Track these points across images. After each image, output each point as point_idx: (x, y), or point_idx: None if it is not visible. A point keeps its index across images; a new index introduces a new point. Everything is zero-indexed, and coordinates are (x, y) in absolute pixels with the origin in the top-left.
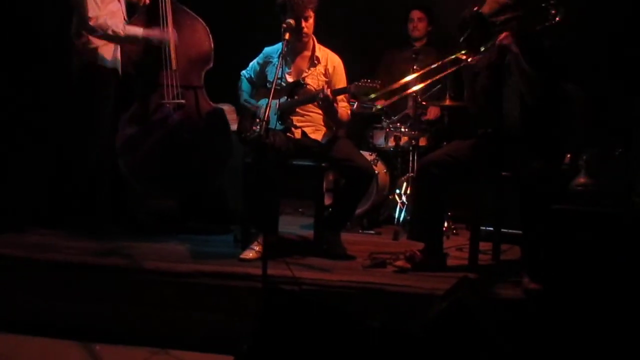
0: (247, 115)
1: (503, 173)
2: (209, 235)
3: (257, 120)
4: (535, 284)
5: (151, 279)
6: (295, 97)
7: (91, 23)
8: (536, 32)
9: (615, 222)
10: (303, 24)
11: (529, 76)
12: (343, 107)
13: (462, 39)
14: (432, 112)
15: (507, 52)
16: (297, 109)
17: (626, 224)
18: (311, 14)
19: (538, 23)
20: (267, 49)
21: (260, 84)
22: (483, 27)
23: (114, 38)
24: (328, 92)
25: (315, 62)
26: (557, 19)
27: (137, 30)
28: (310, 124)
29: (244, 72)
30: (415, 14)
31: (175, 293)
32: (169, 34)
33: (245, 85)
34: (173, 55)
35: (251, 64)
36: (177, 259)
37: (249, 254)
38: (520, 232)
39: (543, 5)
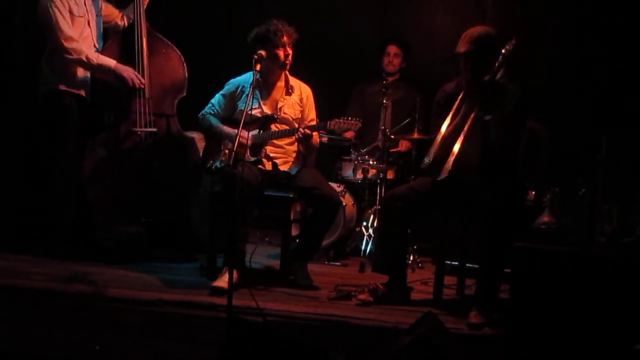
0: (213, 144)
1: (468, 208)
2: (174, 264)
3: (226, 151)
4: (482, 317)
5: (114, 306)
6: (272, 130)
7: (66, 44)
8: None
9: (579, 261)
10: (289, 51)
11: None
12: (314, 134)
13: (481, 106)
14: (404, 144)
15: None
16: (272, 140)
17: (589, 263)
18: (291, 43)
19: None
20: (234, 80)
21: (228, 116)
22: (496, 91)
23: (86, 65)
24: (306, 130)
25: (290, 91)
26: (511, 47)
27: (110, 62)
28: (282, 156)
29: (205, 110)
30: (392, 49)
31: (138, 321)
32: (138, 79)
33: (214, 121)
34: (146, 83)
35: (214, 99)
36: (141, 287)
37: (222, 283)
38: None
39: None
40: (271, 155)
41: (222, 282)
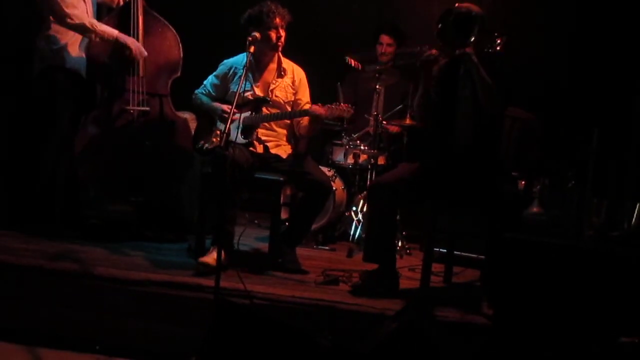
0: (204, 124)
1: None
2: (163, 244)
3: (217, 132)
4: (491, 309)
5: (101, 285)
6: (264, 112)
7: (67, 10)
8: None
9: (566, 253)
10: (281, 33)
11: (489, 84)
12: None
13: (437, 31)
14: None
15: (464, 63)
16: (264, 123)
17: (577, 256)
18: (284, 25)
19: (483, 47)
20: (227, 61)
21: (220, 97)
22: (461, 24)
23: (88, 30)
24: (321, 111)
25: (282, 73)
26: (498, 48)
27: (112, 31)
28: (274, 139)
29: (198, 90)
30: (385, 39)
31: (125, 300)
32: (142, 50)
33: (205, 99)
34: (141, 61)
35: (207, 80)
36: (129, 266)
37: (209, 259)
38: (473, 255)
39: (495, 33)
40: (262, 138)
41: (210, 258)
